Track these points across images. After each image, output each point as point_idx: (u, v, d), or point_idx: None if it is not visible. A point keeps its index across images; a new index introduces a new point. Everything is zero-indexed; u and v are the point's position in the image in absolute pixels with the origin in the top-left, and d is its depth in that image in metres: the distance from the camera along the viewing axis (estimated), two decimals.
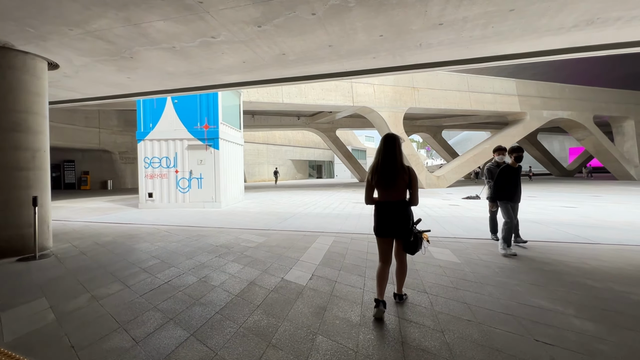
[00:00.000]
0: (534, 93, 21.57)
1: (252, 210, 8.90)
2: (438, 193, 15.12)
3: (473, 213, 7.89)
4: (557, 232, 5.40)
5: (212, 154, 9.74)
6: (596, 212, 7.75)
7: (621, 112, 24.03)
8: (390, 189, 2.37)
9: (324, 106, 17.20)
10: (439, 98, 19.05)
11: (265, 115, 24.80)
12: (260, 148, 34.79)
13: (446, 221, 6.59)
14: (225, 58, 4.33)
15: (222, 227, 6.22)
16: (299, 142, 39.61)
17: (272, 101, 15.67)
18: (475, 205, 9.59)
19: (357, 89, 17.51)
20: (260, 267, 3.56)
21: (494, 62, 4.52)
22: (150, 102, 9.77)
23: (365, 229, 5.91)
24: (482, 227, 5.83)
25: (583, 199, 11.49)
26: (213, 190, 9.72)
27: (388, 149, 2.37)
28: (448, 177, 19.17)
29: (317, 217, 7.41)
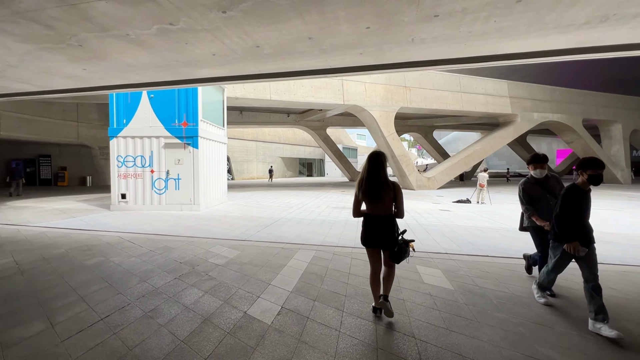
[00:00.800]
0: (526, 95, 21.47)
1: (232, 215, 8.34)
2: (428, 195, 14.81)
3: (465, 221, 7.51)
4: None
5: (191, 153, 9.12)
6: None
7: (609, 116, 24.20)
8: (377, 203, 2.54)
9: (314, 104, 16.67)
10: (431, 98, 18.71)
11: (253, 111, 24.10)
12: (249, 145, 34.04)
13: (437, 231, 6.17)
14: (191, 49, 3.78)
15: (194, 237, 5.66)
16: (289, 140, 38.97)
17: (260, 97, 15.05)
18: (466, 212, 9.24)
19: (348, 87, 17.02)
20: (223, 295, 3.05)
21: (492, 62, 4.10)
22: (124, 96, 9.08)
23: (349, 239, 5.44)
24: (476, 239, 5.43)
25: None
26: (191, 192, 9.12)
27: (373, 166, 2.54)
28: (438, 179, 18.90)
29: (300, 224, 6.91)
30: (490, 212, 9.28)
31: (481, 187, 11.88)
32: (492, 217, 8.10)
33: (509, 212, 9.11)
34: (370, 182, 2.52)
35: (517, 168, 51.01)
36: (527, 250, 4.51)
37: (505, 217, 8.08)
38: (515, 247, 4.93)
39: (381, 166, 2.55)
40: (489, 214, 8.76)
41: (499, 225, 6.93)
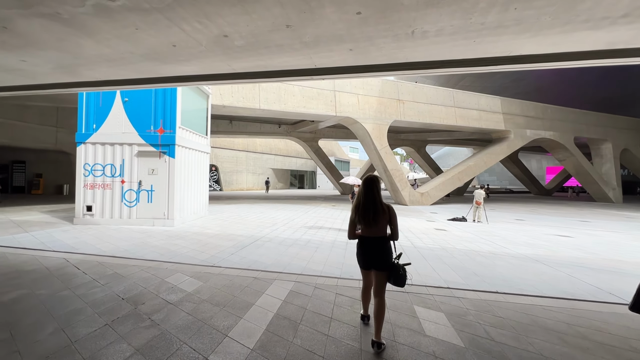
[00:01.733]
0: (518, 112, 21.38)
1: (208, 232, 7.52)
2: (421, 212, 14.19)
3: (464, 243, 6.85)
4: (570, 280, 4.37)
5: (167, 162, 8.33)
6: (596, 246, 6.90)
7: (600, 135, 24.29)
8: (372, 226, 2.61)
9: (305, 115, 16.11)
10: (425, 112, 18.39)
11: (244, 121, 23.45)
12: (240, 155, 33.26)
13: (435, 257, 5.47)
14: (145, 37, 3.11)
15: (155, 261, 4.84)
16: (280, 151, 38.33)
17: (248, 106, 14.42)
18: (464, 232, 8.60)
19: (341, 98, 16.57)
20: (158, 356, 2.27)
21: (503, 66, 3.52)
22: (96, 99, 8.31)
23: (336, 266, 4.70)
24: (480, 269, 4.74)
25: (572, 225, 10.80)
26: (165, 205, 8.28)
27: (369, 191, 2.63)
28: (432, 195, 18.37)
29: (282, 246, 6.13)
30: (489, 232, 8.66)
31: (477, 205, 11.31)
32: (492, 239, 7.46)
33: (508, 233, 8.50)
34: (367, 205, 2.60)
35: (507, 184, 51.38)
36: (545, 283, 3.84)
37: (506, 240, 7.45)
38: (526, 280, 4.25)
39: (376, 190, 2.66)
40: (488, 235, 8.13)
41: (501, 249, 6.28)
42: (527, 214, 14.05)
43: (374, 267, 2.61)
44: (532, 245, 6.83)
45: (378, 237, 2.61)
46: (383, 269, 2.57)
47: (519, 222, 11.26)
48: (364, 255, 2.67)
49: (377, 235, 2.61)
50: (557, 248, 6.56)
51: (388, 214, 2.61)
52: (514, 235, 8.27)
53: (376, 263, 2.60)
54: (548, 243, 7.16)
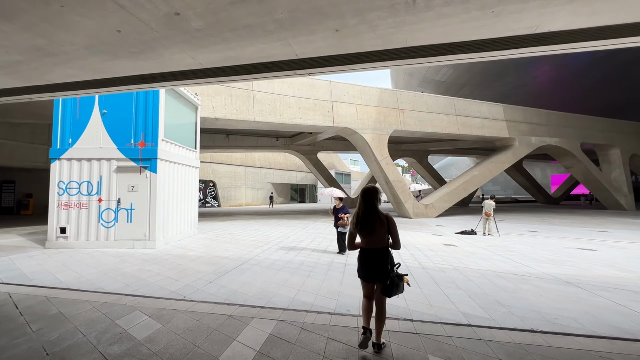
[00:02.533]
0: (522, 119, 20.82)
1: (191, 254, 6.75)
2: (427, 224, 13.36)
3: (479, 261, 6.04)
4: (618, 310, 3.55)
5: (148, 178, 7.66)
6: (628, 260, 6.07)
7: (606, 140, 23.61)
8: (372, 237, 2.60)
9: (302, 126, 15.56)
10: (426, 121, 17.83)
11: (240, 135, 22.97)
12: (238, 170, 32.69)
13: (448, 280, 4.67)
14: (78, 20, 2.49)
15: (115, 294, 4.07)
16: (280, 165, 37.78)
17: (242, 119, 13.89)
18: (475, 247, 7.78)
19: (338, 108, 16.06)
20: None
21: (526, 49, 2.85)
22: (72, 111, 7.74)
23: (330, 296, 3.92)
24: (504, 296, 3.94)
25: (592, 236, 9.95)
26: (146, 225, 7.55)
27: (367, 201, 2.65)
28: (437, 206, 17.55)
29: (270, 270, 5.35)
30: (503, 247, 7.84)
31: (487, 217, 10.51)
32: (508, 255, 6.65)
33: (525, 247, 7.67)
34: (366, 216, 2.59)
35: (512, 194, 50.37)
36: (587, 314, 3.04)
37: (524, 256, 6.62)
38: (564, 311, 3.45)
39: (375, 200, 2.64)
40: (503, 250, 7.31)
41: (522, 268, 5.47)
42: (540, 225, 13.19)
43: (377, 280, 2.58)
44: (556, 262, 6.01)
45: (379, 248, 2.59)
46: (383, 281, 2.55)
47: (532, 234, 10.42)
48: (365, 268, 2.63)
49: (378, 246, 2.60)
50: (585, 265, 5.74)
51: (387, 224, 2.59)
52: (532, 249, 7.45)
53: (379, 275, 2.56)
54: (573, 259, 6.33)
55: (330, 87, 16.16)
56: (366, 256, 2.62)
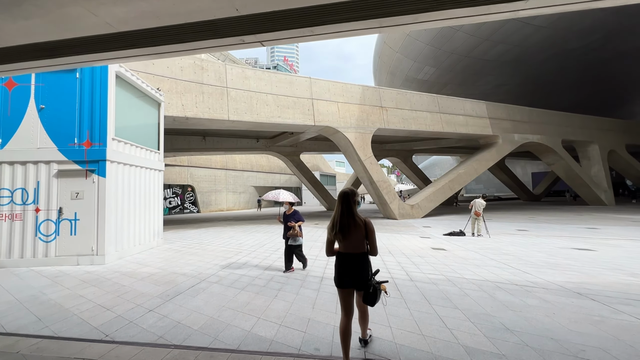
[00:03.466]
0: (504, 116, 20.70)
1: (144, 270, 5.76)
2: (413, 226, 12.75)
3: (473, 269, 5.35)
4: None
5: (95, 183, 6.61)
6: (633, 262, 5.55)
7: (585, 137, 23.89)
8: (350, 241, 2.49)
9: (281, 125, 14.69)
10: (409, 119, 17.32)
11: (218, 136, 21.86)
12: (218, 174, 31.40)
13: (441, 296, 3.93)
14: None
15: (13, 335, 3.10)
16: (263, 168, 36.69)
17: (216, 118, 12.91)
18: (466, 250, 7.13)
19: (319, 106, 15.31)
20: None
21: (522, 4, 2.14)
22: (3, 107, 6.61)
23: (298, 326, 3.09)
24: (510, 317, 3.21)
25: (582, 234, 9.55)
26: (93, 238, 6.50)
27: (344, 205, 2.52)
28: (423, 206, 17.04)
29: (232, 289, 4.46)
30: (496, 249, 7.23)
31: (477, 216, 9.95)
32: (503, 260, 6.01)
33: (518, 249, 7.09)
34: (343, 220, 2.49)
35: (494, 192, 51.05)
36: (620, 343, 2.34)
37: (520, 260, 6.01)
38: (589, 338, 2.75)
39: (352, 203, 2.54)
40: (496, 253, 6.69)
41: (522, 276, 4.81)
42: (527, 223, 12.81)
43: (354, 287, 2.50)
44: (556, 266, 5.40)
45: (357, 253, 2.51)
46: (362, 288, 2.47)
47: (522, 234, 9.94)
48: (341, 273, 2.53)
49: (355, 251, 2.51)
50: (588, 269, 5.14)
51: (364, 229, 2.50)
52: (526, 251, 6.87)
53: (356, 282, 2.48)
54: (573, 262, 5.75)
55: (310, 84, 15.40)
56: (344, 261, 2.52)
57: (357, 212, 2.54)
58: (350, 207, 2.51)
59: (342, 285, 2.50)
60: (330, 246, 2.58)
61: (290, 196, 5.60)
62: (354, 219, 2.48)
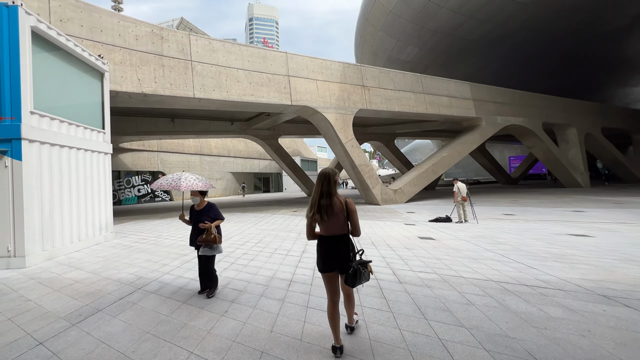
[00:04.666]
0: (488, 98, 20.20)
1: (70, 276, 4.60)
2: (397, 212, 12.04)
3: (470, 263, 4.56)
4: None
5: (8, 167, 5.28)
6: (630, 247, 4.98)
7: (565, 120, 23.95)
8: (331, 223, 2.39)
9: (254, 104, 13.37)
10: (393, 99, 16.39)
11: (189, 118, 20.19)
12: (192, 159, 29.63)
13: (437, 304, 3.07)
14: None
15: None
16: (240, 153, 35.05)
17: (179, 95, 11.45)
18: (457, 239, 6.40)
19: (296, 84, 14.07)
20: None
21: None
22: None
23: None
24: (531, 337, 2.37)
25: (571, 217, 9.12)
26: (9, 236, 5.23)
27: (324, 185, 2.42)
28: (406, 191, 16.40)
29: (169, 302, 3.44)
30: (488, 237, 6.55)
31: (464, 201, 9.29)
32: (500, 250, 5.30)
33: (512, 237, 6.43)
34: (322, 201, 2.39)
35: (473, 175, 51.83)
36: None
37: (519, 250, 5.30)
38: None
39: (332, 184, 2.43)
40: (490, 242, 5.99)
41: (527, 271, 4.06)
42: (512, 207, 12.40)
43: (338, 270, 2.40)
44: (561, 258, 4.71)
45: (338, 235, 2.40)
46: (345, 270, 2.37)
47: (510, 218, 9.41)
48: (324, 257, 2.41)
49: (336, 233, 2.40)
50: (598, 261, 4.48)
51: (345, 209, 2.39)
52: (522, 239, 6.21)
53: (339, 264, 2.38)
54: (575, 251, 5.10)
55: (286, 59, 14.08)
56: (325, 244, 2.42)
57: (338, 193, 2.43)
58: (330, 187, 2.39)
59: (326, 269, 2.41)
60: (310, 230, 2.46)
61: (199, 182, 3.68)
62: (334, 200, 2.38)
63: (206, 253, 3.58)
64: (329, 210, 2.36)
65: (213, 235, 3.51)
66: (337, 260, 2.37)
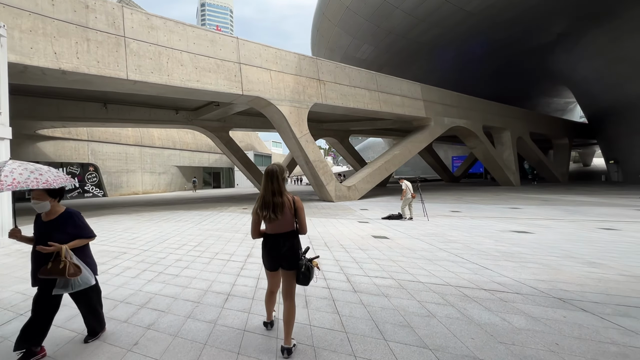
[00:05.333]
0: (437, 99, 21.14)
1: None
2: (351, 209, 11.88)
3: (425, 265, 4.35)
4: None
5: None
6: (574, 245, 5.24)
7: (501, 124, 26.12)
8: (278, 221, 2.33)
9: (200, 92, 12.16)
10: (348, 95, 16.24)
11: (125, 104, 17.96)
12: (131, 151, 26.77)
13: (396, 318, 2.70)
14: None
15: None
16: (188, 145, 32.62)
17: (107, 74, 9.91)
18: (410, 237, 6.27)
19: (248, 73, 13.13)
20: None
21: None
22: None
23: None
24: (502, 355, 2.12)
25: (509, 214, 9.71)
26: None
27: (273, 183, 2.34)
28: (360, 188, 16.43)
29: (60, 331, 2.61)
30: (440, 235, 6.54)
31: (413, 198, 9.35)
32: (453, 249, 5.22)
33: (462, 234, 6.50)
34: (269, 198, 2.31)
35: (420, 173, 54.92)
36: None
37: (470, 249, 5.28)
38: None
39: (278, 181, 2.34)
40: (442, 241, 5.94)
41: (483, 273, 3.94)
42: (458, 204, 13.00)
43: (282, 267, 2.34)
44: (510, 256, 4.74)
45: (284, 232, 2.34)
46: (291, 268, 2.31)
47: (457, 215, 9.73)
48: (269, 255, 2.36)
49: (282, 231, 2.33)
50: (544, 258, 4.57)
51: (293, 207, 2.34)
52: (471, 237, 6.28)
53: (284, 262, 2.32)
54: (521, 248, 5.22)
55: (237, 45, 13.05)
56: (272, 242, 2.34)
57: (285, 190, 2.37)
58: (278, 184, 2.32)
59: (272, 267, 2.39)
60: (256, 228, 2.39)
61: (36, 176, 2.13)
62: (282, 197, 2.32)
63: (61, 291, 2.20)
64: (278, 209, 2.28)
65: (64, 264, 2.12)
66: (284, 258, 2.31)
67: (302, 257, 2.34)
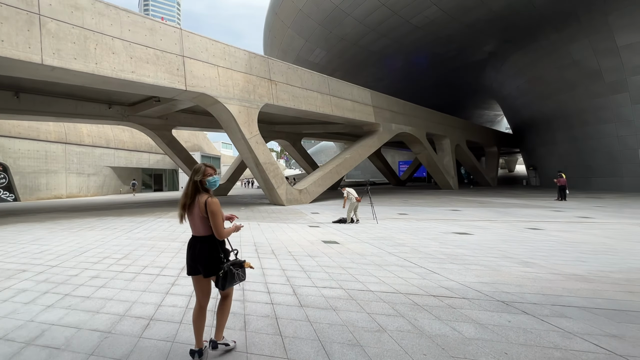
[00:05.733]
0: (385, 106, 21.97)
1: None
2: (302, 213, 11.61)
3: (375, 271, 4.22)
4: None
5: None
6: (508, 245, 5.61)
7: (442, 132, 28.12)
8: (193, 223, 2.25)
9: (135, 84, 10.92)
10: (300, 97, 16.02)
11: (44, 95, 15.55)
12: (52, 148, 23.38)
13: (345, 336, 2.46)
14: None
15: None
16: (124, 144, 29.54)
17: (17, 57, 8.41)
18: (360, 241, 6.18)
19: (193, 67, 12.19)
20: None
21: None
22: None
23: None
24: None
25: (451, 216, 10.29)
26: None
27: (188, 182, 2.25)
28: (311, 191, 16.26)
29: None
30: (388, 238, 6.57)
31: (358, 201, 9.36)
32: (401, 253, 5.22)
33: (409, 237, 6.62)
34: (185, 200, 2.23)
35: (369, 177, 56.98)
36: None
37: (417, 251, 5.34)
38: None
39: (192, 180, 2.23)
40: (391, 244, 5.95)
41: (430, 277, 3.93)
42: (404, 207, 13.51)
43: (203, 272, 2.19)
44: (454, 258, 4.87)
45: (201, 237, 2.22)
46: (208, 275, 2.18)
47: (404, 218, 10.03)
48: (188, 258, 2.26)
49: (200, 234, 2.22)
50: (484, 260, 4.76)
51: (205, 209, 2.15)
52: (418, 240, 6.41)
53: (200, 266, 2.19)
54: (464, 250, 5.42)
55: (180, 37, 12.05)
56: (189, 245, 2.27)
57: (206, 191, 2.23)
58: (195, 184, 2.20)
59: (189, 271, 2.26)
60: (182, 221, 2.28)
61: None
62: (195, 200, 2.19)
63: None
64: (191, 210, 2.21)
65: None
66: (201, 262, 2.18)
67: (224, 261, 2.22)
